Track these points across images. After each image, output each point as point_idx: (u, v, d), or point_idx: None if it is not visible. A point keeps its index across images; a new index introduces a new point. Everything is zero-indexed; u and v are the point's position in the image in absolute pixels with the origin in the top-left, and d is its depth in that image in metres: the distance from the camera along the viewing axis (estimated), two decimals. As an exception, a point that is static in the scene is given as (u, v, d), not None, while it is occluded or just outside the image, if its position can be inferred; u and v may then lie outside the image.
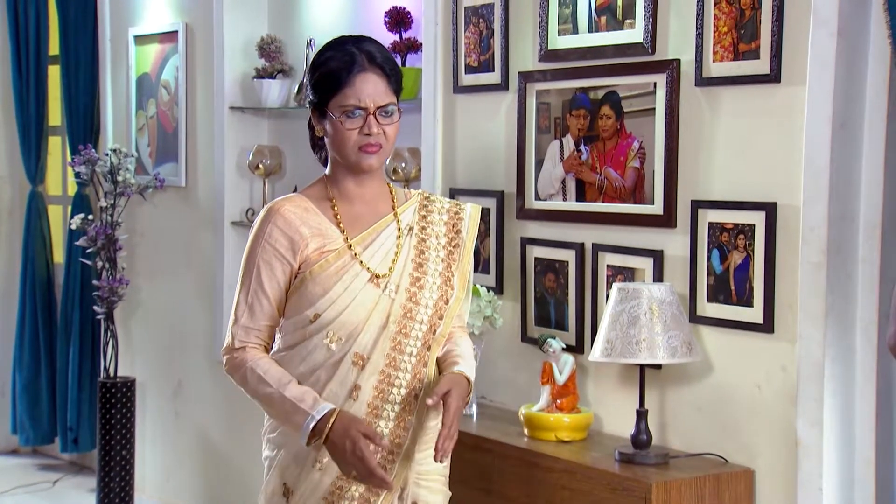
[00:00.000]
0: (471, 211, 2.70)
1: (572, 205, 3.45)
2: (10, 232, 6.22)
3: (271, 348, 2.62)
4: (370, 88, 2.52)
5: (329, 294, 2.52)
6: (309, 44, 4.42)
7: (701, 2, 3.09)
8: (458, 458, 2.78)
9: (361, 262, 2.55)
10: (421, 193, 2.70)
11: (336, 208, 2.60)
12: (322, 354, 2.54)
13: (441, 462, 2.54)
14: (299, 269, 2.55)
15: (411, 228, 2.63)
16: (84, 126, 5.55)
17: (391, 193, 2.66)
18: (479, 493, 3.25)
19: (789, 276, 2.93)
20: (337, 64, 2.53)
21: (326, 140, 2.60)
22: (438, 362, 2.62)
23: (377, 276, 2.55)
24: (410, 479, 2.59)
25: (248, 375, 2.55)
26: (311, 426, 2.47)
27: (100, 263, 5.06)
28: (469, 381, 2.59)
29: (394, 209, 2.63)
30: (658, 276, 3.22)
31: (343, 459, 2.47)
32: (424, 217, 2.65)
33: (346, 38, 2.61)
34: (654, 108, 3.20)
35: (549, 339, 3.29)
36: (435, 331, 2.60)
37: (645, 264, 3.26)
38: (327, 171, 2.65)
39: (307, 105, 2.63)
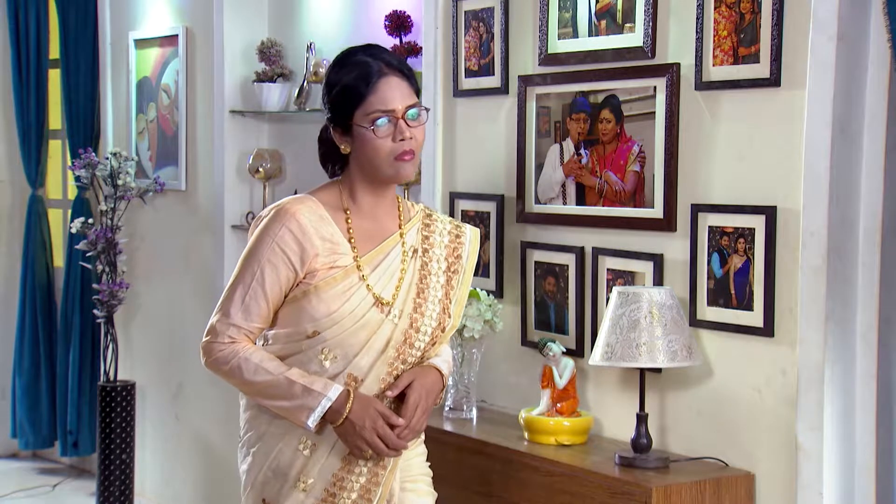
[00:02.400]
0: (471, 235, 2.65)
1: (572, 208, 3.45)
2: (11, 235, 6.22)
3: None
4: (395, 91, 2.47)
5: (333, 315, 2.47)
6: (309, 47, 4.42)
7: (701, 6, 3.09)
8: (458, 461, 2.78)
9: (368, 285, 2.50)
10: (423, 210, 2.65)
11: (350, 221, 2.53)
12: (314, 368, 2.50)
13: (398, 455, 2.53)
14: (303, 278, 2.49)
15: (416, 251, 2.58)
16: (84, 130, 5.56)
17: (399, 208, 2.60)
18: (479, 497, 3.25)
19: (789, 281, 2.93)
20: (354, 75, 2.47)
21: (353, 156, 2.52)
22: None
23: (382, 302, 2.51)
24: (397, 487, 2.58)
25: (242, 365, 2.49)
26: (328, 406, 2.45)
27: (100, 267, 5.06)
28: (441, 374, 2.57)
29: (400, 227, 2.58)
30: (658, 280, 3.22)
31: (359, 437, 2.46)
32: (426, 238, 2.60)
33: (353, 49, 2.55)
34: (654, 112, 3.20)
35: (549, 343, 3.29)
36: (424, 357, 2.58)
37: (645, 268, 3.25)
38: (343, 178, 2.58)
39: (327, 122, 2.55)
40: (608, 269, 3.36)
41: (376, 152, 2.47)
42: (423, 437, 2.66)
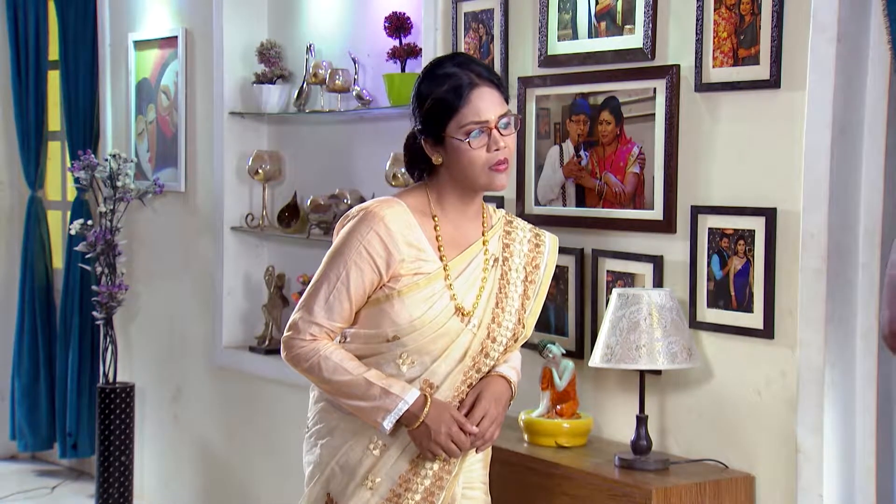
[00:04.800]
0: (550, 245, 2.68)
1: (572, 210, 3.45)
2: (10, 237, 6.21)
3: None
4: (487, 102, 2.48)
5: (414, 321, 2.49)
6: (309, 49, 4.42)
7: (700, 7, 3.09)
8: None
9: (454, 294, 2.52)
10: (504, 217, 2.66)
11: (438, 228, 2.54)
12: (390, 371, 2.53)
13: (477, 452, 2.60)
14: (387, 282, 2.50)
15: (496, 259, 2.59)
16: (84, 131, 5.55)
17: (483, 215, 2.62)
18: (479, 499, 3.24)
19: (789, 282, 2.93)
20: (446, 88, 2.47)
21: (446, 166, 2.52)
22: None
23: (462, 311, 2.52)
24: (458, 492, 2.61)
25: (322, 363, 2.51)
26: (405, 410, 2.47)
27: (99, 269, 5.06)
28: (508, 382, 2.60)
29: (483, 234, 2.59)
30: (658, 282, 3.22)
31: (434, 442, 2.49)
32: (507, 246, 2.61)
33: (442, 60, 2.56)
34: (654, 114, 3.20)
35: (549, 345, 3.29)
36: (495, 365, 2.61)
37: (645, 270, 3.25)
38: (432, 182, 2.57)
39: (417, 133, 2.54)
40: (608, 271, 3.36)
41: (471, 163, 2.48)
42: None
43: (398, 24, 4.00)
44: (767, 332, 2.97)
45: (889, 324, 1.66)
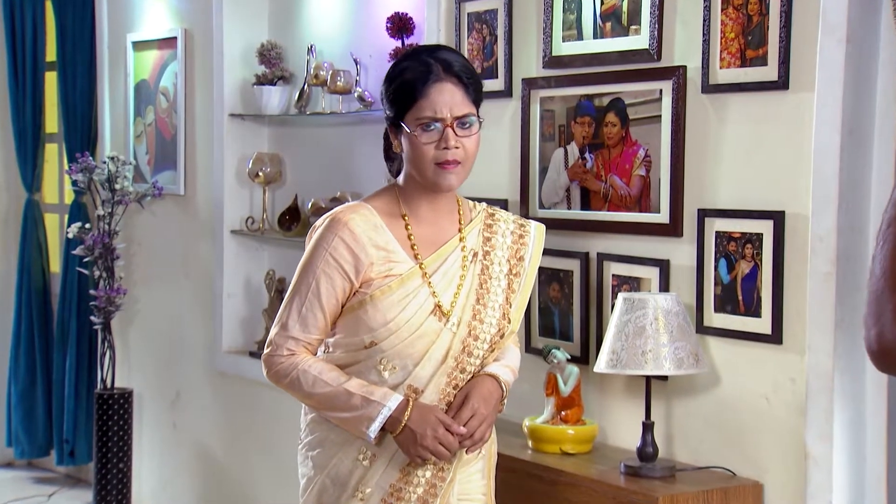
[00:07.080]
0: (535, 234, 2.61)
1: (577, 213, 3.42)
2: (7, 240, 6.19)
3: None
4: (446, 98, 2.43)
5: (389, 325, 2.44)
6: (310, 50, 4.38)
7: (707, 8, 3.06)
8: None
9: (434, 292, 2.46)
10: (485, 210, 2.62)
11: (410, 228, 2.50)
12: (373, 378, 2.48)
13: (468, 453, 2.53)
14: (359, 288, 2.46)
15: (476, 254, 2.54)
16: (81, 133, 5.53)
17: (459, 211, 2.57)
18: (482, 507, 3.21)
19: (798, 286, 2.90)
20: (412, 75, 2.44)
21: (403, 156, 2.49)
22: None
23: (441, 310, 2.47)
24: (454, 501, 2.56)
25: (301, 378, 2.47)
26: (388, 415, 2.43)
27: (97, 272, 5.02)
28: (496, 378, 2.53)
29: (460, 230, 2.54)
30: (664, 286, 3.18)
31: (420, 446, 2.44)
32: (488, 239, 2.56)
33: (421, 48, 2.54)
34: (660, 116, 3.17)
35: (553, 350, 3.26)
36: (484, 364, 2.55)
37: (651, 274, 3.22)
38: (400, 181, 2.54)
39: (385, 118, 2.52)
40: (613, 275, 3.32)
41: (420, 157, 2.44)
42: (493, 450, 2.65)
43: (400, 25, 3.97)
44: (776, 337, 2.94)
45: (878, 339, 1.60)
